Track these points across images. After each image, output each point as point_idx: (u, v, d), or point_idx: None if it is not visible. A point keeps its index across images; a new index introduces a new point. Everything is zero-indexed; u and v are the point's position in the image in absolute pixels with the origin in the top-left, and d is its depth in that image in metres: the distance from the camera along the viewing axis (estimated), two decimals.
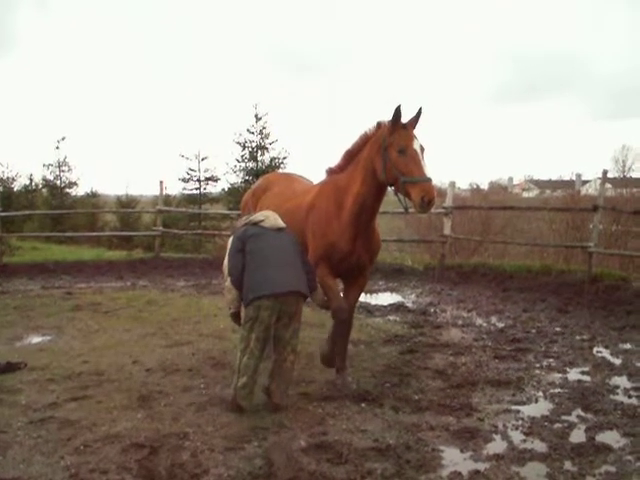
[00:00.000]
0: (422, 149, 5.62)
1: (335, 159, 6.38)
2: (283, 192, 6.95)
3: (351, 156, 6.16)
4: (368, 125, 6.02)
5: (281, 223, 6.00)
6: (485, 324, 9.53)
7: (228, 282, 5.85)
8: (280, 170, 21.71)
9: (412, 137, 5.61)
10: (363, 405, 5.90)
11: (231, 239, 6.06)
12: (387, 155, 5.58)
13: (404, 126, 5.66)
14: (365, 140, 6.01)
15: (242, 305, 5.84)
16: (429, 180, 5.41)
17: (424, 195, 5.29)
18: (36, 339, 8.55)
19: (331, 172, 6.41)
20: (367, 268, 6.39)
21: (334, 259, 6.08)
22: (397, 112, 5.59)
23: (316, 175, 7.30)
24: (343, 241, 6.00)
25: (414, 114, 5.77)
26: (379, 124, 5.90)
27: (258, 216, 6.03)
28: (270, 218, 5.99)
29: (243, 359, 5.63)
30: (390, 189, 5.90)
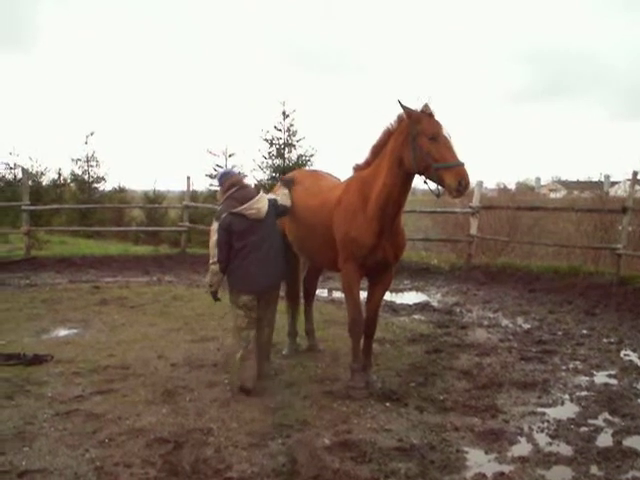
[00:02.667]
0: (450, 136, 5.62)
1: (361, 156, 6.38)
2: (310, 189, 6.94)
3: (377, 151, 6.16)
4: (390, 119, 6.01)
5: (263, 212, 6.23)
6: (511, 325, 9.46)
7: (215, 266, 6.25)
8: (307, 168, 21.73)
9: (441, 124, 5.61)
10: (388, 404, 5.89)
11: (215, 225, 6.28)
12: (416, 144, 5.56)
13: (430, 114, 5.66)
14: (388, 134, 6.00)
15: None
16: (463, 164, 5.42)
17: (460, 179, 5.31)
18: (63, 332, 8.63)
19: (358, 168, 6.40)
20: (392, 265, 6.36)
21: (360, 254, 6.06)
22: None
23: (342, 173, 7.31)
24: (368, 235, 5.98)
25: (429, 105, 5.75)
26: (400, 117, 5.88)
27: (241, 208, 6.13)
28: (252, 210, 6.15)
29: (236, 336, 6.39)
30: (418, 178, 5.88)
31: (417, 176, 5.82)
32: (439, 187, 5.63)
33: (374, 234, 6.00)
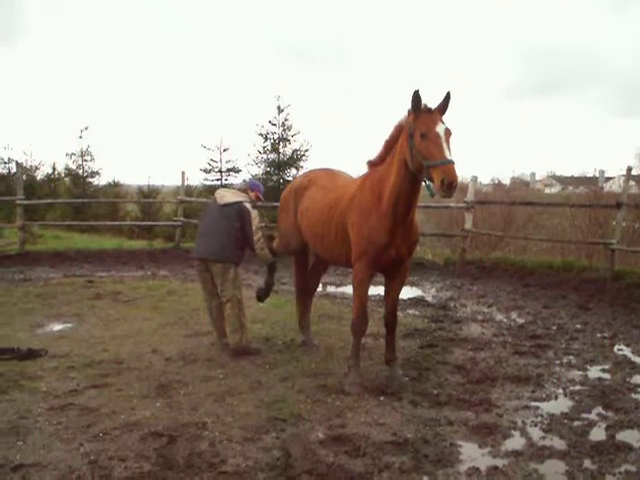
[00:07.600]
0: (448, 133, 5.40)
1: (364, 151, 6.31)
2: (324, 187, 6.90)
3: (389, 146, 6.03)
4: (402, 115, 5.81)
5: (227, 200, 7.42)
6: (505, 320, 9.48)
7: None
8: (302, 162, 21.76)
9: (435, 121, 5.40)
10: (382, 398, 5.90)
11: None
12: (413, 142, 5.43)
13: (429, 110, 5.47)
14: (399, 130, 5.84)
15: None
16: (450, 162, 5.19)
17: (444, 177, 5.09)
18: (57, 327, 8.62)
19: (371, 164, 6.33)
20: (407, 259, 6.31)
21: (373, 252, 5.99)
22: (415, 97, 5.42)
23: (337, 166, 7.32)
24: (381, 234, 5.90)
25: (442, 99, 5.55)
26: (409, 112, 5.68)
27: (215, 195, 7.70)
28: (218, 196, 7.56)
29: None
30: None
31: None
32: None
33: (387, 232, 5.92)
